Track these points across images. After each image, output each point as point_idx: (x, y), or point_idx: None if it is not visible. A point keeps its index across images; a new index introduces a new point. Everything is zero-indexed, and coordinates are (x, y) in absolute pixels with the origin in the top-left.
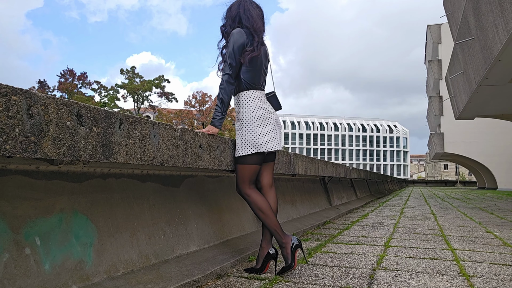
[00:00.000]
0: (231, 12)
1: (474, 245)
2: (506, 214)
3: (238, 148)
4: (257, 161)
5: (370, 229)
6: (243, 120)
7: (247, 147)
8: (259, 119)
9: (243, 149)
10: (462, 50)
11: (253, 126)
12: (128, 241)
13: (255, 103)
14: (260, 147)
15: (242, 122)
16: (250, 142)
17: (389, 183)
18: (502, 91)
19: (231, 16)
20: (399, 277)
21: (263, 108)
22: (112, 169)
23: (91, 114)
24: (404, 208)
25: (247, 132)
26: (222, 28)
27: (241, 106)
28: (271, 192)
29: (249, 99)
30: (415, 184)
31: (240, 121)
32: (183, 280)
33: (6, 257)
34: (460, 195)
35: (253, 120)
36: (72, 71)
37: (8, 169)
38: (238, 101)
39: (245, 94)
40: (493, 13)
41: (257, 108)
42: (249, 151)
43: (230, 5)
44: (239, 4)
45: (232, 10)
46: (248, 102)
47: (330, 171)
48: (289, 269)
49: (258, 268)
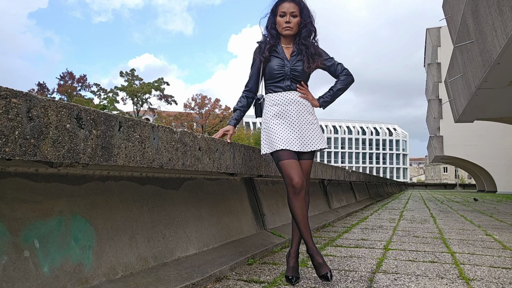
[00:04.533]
0: (312, 19)
1: (474, 248)
2: (506, 217)
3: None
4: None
5: (370, 232)
6: (314, 113)
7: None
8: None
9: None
10: (461, 53)
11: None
12: (127, 244)
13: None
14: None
15: (315, 115)
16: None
17: (388, 186)
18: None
19: (313, 22)
20: (398, 280)
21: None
22: (112, 171)
23: (90, 116)
24: (404, 211)
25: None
26: (312, 24)
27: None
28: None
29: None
30: (414, 187)
31: (315, 115)
32: (182, 283)
33: (5, 260)
34: (459, 198)
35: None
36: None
37: (7, 172)
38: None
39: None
40: (492, 16)
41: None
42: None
43: (310, 10)
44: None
45: (312, 19)
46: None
47: (330, 174)
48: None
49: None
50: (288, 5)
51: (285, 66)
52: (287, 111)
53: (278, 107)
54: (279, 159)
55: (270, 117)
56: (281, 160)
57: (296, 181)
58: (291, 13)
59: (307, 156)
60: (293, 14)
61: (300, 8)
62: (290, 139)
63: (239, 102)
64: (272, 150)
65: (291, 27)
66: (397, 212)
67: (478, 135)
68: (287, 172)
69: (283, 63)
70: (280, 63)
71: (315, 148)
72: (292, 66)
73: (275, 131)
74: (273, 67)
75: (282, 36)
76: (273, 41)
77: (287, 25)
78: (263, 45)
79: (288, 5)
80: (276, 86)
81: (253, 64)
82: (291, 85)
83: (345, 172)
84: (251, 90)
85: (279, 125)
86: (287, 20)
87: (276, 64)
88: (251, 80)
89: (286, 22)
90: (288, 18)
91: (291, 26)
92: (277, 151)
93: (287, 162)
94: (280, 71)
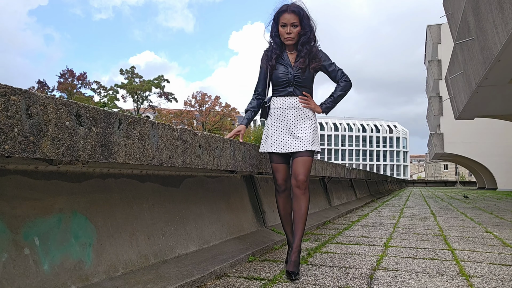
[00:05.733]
0: (312, 27)
1: (474, 245)
2: (506, 215)
3: (316, 143)
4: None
5: (370, 230)
6: (314, 119)
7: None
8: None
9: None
10: (461, 51)
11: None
12: (128, 241)
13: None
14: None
15: (314, 121)
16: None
17: (388, 183)
18: (502, 92)
19: (314, 30)
20: (398, 277)
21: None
22: (111, 169)
23: (90, 114)
24: (404, 208)
25: (317, 130)
26: (311, 29)
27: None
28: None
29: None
30: (414, 185)
31: (313, 120)
32: (182, 280)
33: (5, 257)
34: (459, 195)
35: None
36: (72, 71)
37: (7, 169)
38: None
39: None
40: (493, 13)
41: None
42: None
43: (308, 12)
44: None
45: (312, 22)
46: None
47: (330, 171)
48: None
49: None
50: (289, 16)
51: (288, 74)
52: (286, 115)
53: (279, 111)
54: (271, 161)
55: (271, 119)
56: (272, 163)
57: (280, 183)
58: (291, 23)
59: (303, 154)
60: (294, 24)
61: (300, 17)
62: (283, 141)
63: (250, 104)
64: (267, 150)
65: (292, 38)
66: (398, 209)
67: (478, 132)
68: (274, 174)
69: (287, 71)
70: (284, 70)
71: (308, 148)
72: (295, 73)
73: (271, 134)
74: (278, 75)
75: (285, 44)
76: (279, 50)
77: (288, 36)
78: (270, 54)
79: (289, 16)
80: (280, 91)
81: (260, 71)
82: (293, 91)
83: (345, 169)
84: (260, 93)
85: (276, 127)
86: (288, 31)
87: (281, 72)
88: (260, 84)
89: (287, 33)
90: (289, 29)
91: (292, 36)
92: (270, 153)
93: (275, 166)
94: (284, 78)
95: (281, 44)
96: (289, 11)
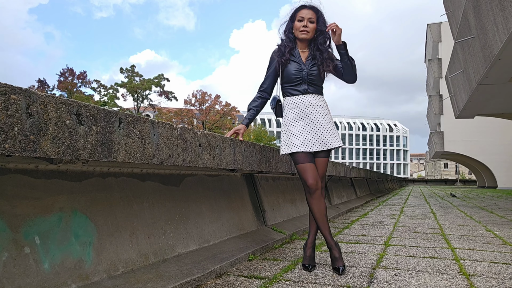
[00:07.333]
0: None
1: (474, 244)
2: (506, 213)
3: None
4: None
5: (370, 228)
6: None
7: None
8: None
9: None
10: (462, 49)
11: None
12: (128, 240)
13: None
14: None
15: (331, 117)
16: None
17: (389, 182)
18: (502, 90)
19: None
20: (399, 276)
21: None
22: (112, 168)
23: (90, 113)
24: (404, 207)
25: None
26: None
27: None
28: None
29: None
30: (415, 183)
31: (330, 115)
32: (183, 279)
33: (5, 256)
34: (460, 194)
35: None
36: (72, 70)
37: (7, 168)
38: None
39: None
40: (494, 11)
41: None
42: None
43: (326, 18)
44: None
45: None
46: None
47: (330, 170)
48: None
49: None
50: (307, 11)
51: (302, 71)
52: (308, 113)
53: (298, 109)
54: (297, 162)
55: (291, 119)
56: (298, 164)
57: (310, 183)
58: (308, 18)
59: (323, 154)
60: (311, 20)
61: (317, 15)
62: (308, 140)
63: (253, 102)
64: (291, 151)
65: (308, 31)
66: (398, 208)
67: (478, 131)
68: (303, 175)
69: (300, 68)
70: (297, 67)
71: (333, 146)
72: (309, 70)
73: (294, 133)
74: (291, 71)
75: (298, 40)
76: (291, 44)
77: (304, 28)
78: (283, 48)
79: (307, 11)
80: (294, 89)
81: (270, 66)
82: (308, 88)
83: (346, 168)
84: (265, 90)
85: (299, 127)
86: (304, 24)
87: (294, 68)
88: (267, 80)
89: (304, 26)
90: (305, 23)
91: (308, 30)
92: (295, 154)
93: (303, 166)
94: (298, 75)
95: (294, 40)
96: (308, 7)
